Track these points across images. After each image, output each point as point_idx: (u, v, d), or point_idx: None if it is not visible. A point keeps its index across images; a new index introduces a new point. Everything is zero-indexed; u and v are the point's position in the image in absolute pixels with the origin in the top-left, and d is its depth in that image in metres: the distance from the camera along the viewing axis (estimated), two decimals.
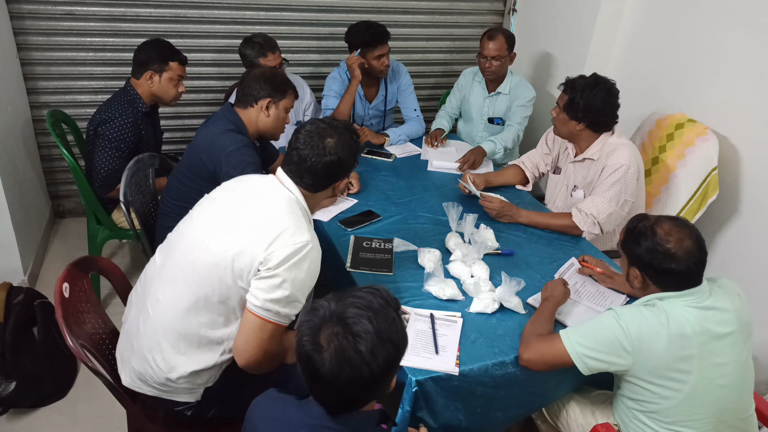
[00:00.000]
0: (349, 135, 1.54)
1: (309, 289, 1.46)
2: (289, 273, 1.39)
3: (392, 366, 1.08)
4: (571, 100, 2.15)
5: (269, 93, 2.06)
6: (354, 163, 1.58)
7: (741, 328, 1.47)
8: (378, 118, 3.17)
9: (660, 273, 1.46)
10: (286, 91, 2.09)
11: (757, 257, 2.44)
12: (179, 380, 1.47)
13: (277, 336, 1.45)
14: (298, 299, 1.43)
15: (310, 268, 1.43)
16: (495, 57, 2.83)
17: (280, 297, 1.39)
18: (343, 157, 1.51)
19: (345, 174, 1.57)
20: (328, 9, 3.44)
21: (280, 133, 2.18)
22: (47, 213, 3.30)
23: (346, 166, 1.54)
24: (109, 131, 2.38)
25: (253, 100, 2.07)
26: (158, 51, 2.46)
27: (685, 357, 1.42)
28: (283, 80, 2.10)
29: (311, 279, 1.45)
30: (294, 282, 1.40)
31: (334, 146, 1.49)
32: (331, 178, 1.55)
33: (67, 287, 1.54)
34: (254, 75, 2.09)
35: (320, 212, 2.25)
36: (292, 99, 2.12)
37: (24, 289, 2.33)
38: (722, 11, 2.51)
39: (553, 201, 2.49)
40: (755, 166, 2.44)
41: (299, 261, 1.40)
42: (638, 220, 1.52)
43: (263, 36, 2.69)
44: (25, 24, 2.98)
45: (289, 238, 1.39)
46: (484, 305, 1.75)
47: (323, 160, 1.48)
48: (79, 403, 2.24)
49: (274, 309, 1.40)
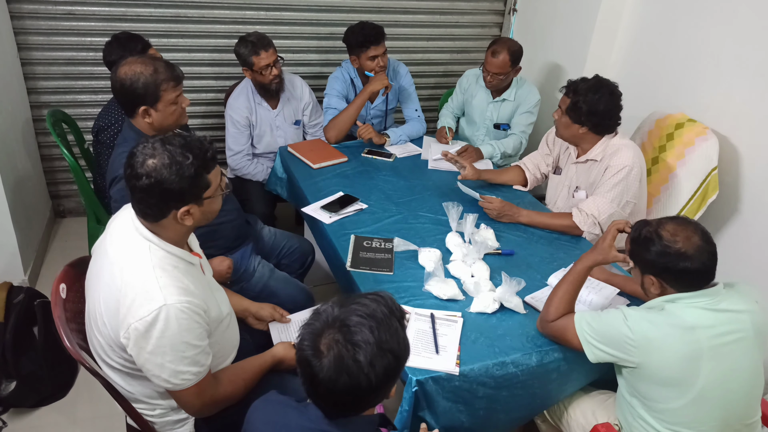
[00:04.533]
0: (181, 152, 1.31)
1: (194, 338, 1.33)
2: (143, 350, 1.30)
3: (392, 376, 1.07)
4: (573, 104, 2.13)
5: (141, 101, 1.80)
6: (186, 182, 1.32)
7: (755, 334, 1.45)
8: (379, 118, 3.17)
9: (677, 274, 1.44)
10: (157, 94, 1.80)
11: (758, 257, 2.44)
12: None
13: (204, 388, 1.40)
14: (183, 355, 1.32)
15: (167, 331, 1.29)
16: (497, 73, 2.81)
17: (163, 370, 1.32)
18: (163, 178, 1.29)
19: (180, 197, 1.33)
20: (328, 9, 3.44)
21: (183, 121, 1.92)
22: (47, 213, 3.30)
23: (172, 189, 1.30)
24: (109, 138, 2.38)
25: (131, 109, 1.83)
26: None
27: (695, 358, 1.41)
28: (145, 84, 1.78)
29: (180, 333, 1.31)
30: (156, 352, 1.30)
31: (153, 168, 1.29)
32: (161, 203, 1.33)
33: (63, 288, 1.53)
34: (116, 86, 1.81)
35: (320, 212, 2.25)
36: (170, 92, 1.82)
37: (24, 288, 2.33)
38: (722, 11, 2.51)
39: (554, 201, 2.49)
40: (755, 165, 2.43)
41: (147, 336, 1.28)
42: (640, 227, 1.51)
43: (257, 34, 2.69)
44: (25, 24, 2.98)
45: (131, 317, 1.28)
46: (485, 305, 1.75)
47: (139, 184, 1.29)
48: (79, 403, 2.24)
49: (171, 380, 1.34)
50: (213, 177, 1.39)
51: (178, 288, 1.32)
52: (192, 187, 1.33)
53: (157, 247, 1.36)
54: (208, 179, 1.37)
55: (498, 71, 2.80)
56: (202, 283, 1.44)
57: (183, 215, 1.35)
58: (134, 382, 1.46)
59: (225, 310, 1.53)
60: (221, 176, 1.44)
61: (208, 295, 1.44)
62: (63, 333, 1.45)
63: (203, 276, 1.50)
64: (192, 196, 1.35)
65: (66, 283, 1.56)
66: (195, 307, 1.33)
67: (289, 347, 1.64)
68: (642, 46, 2.98)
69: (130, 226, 1.39)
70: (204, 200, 1.38)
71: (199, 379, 1.38)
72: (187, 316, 1.31)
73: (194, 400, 1.40)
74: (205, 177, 1.36)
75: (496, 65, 2.79)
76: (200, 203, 1.37)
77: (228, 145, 2.86)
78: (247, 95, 2.82)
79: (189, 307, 1.32)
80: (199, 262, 1.50)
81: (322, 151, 2.78)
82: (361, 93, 2.83)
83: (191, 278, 1.39)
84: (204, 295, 1.41)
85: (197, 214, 1.38)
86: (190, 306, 1.32)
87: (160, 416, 1.51)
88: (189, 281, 1.37)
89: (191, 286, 1.36)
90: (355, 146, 2.87)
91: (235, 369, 1.55)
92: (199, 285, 1.41)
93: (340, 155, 2.73)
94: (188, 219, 1.37)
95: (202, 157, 1.34)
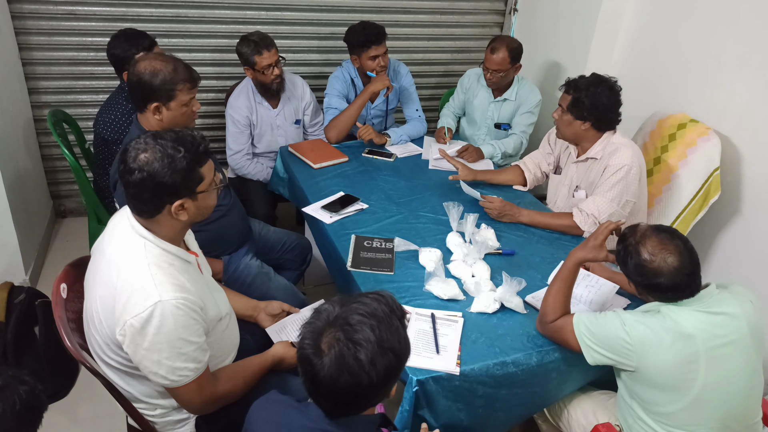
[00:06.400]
0: (173, 146, 1.32)
1: (190, 334, 1.34)
2: (140, 347, 1.30)
3: (393, 375, 1.07)
4: (576, 99, 2.13)
5: (155, 97, 1.82)
6: (179, 176, 1.32)
7: (751, 334, 1.45)
8: (380, 118, 3.17)
9: (650, 288, 1.46)
10: (172, 94, 1.82)
11: (759, 258, 2.43)
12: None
13: (203, 385, 1.40)
14: (180, 351, 1.32)
15: (163, 328, 1.29)
16: (497, 70, 2.81)
17: (160, 367, 1.32)
18: (155, 172, 1.29)
19: (173, 191, 1.33)
20: (328, 9, 3.44)
21: (191, 124, 1.95)
22: (48, 213, 3.31)
23: (164, 183, 1.31)
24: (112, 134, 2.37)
25: (143, 104, 1.85)
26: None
27: (692, 361, 1.41)
28: (163, 81, 1.81)
29: (176, 330, 1.31)
30: (152, 349, 1.30)
31: (145, 162, 1.29)
32: (155, 198, 1.33)
33: (64, 287, 1.54)
34: (133, 79, 1.83)
35: (321, 212, 2.25)
36: (186, 93, 1.85)
37: (25, 288, 2.34)
38: (724, 12, 2.51)
39: (555, 201, 2.49)
40: (757, 166, 2.43)
41: (143, 332, 1.28)
42: (626, 236, 1.51)
43: (259, 34, 2.69)
44: (26, 24, 2.98)
45: (127, 314, 1.29)
46: (485, 305, 1.75)
47: (132, 179, 1.30)
48: (80, 403, 2.24)
49: (169, 377, 1.34)
50: (206, 171, 1.39)
51: (174, 285, 1.32)
52: (185, 180, 1.33)
53: (153, 245, 1.36)
54: (201, 173, 1.37)
55: (497, 68, 2.80)
56: (199, 282, 1.44)
57: (177, 210, 1.35)
58: (133, 381, 1.46)
59: (224, 309, 1.53)
60: (215, 171, 1.44)
61: (205, 294, 1.44)
62: (64, 333, 1.45)
63: (201, 275, 1.50)
64: (185, 189, 1.35)
65: (67, 283, 1.56)
66: (191, 303, 1.33)
67: (288, 346, 1.64)
68: (643, 47, 2.97)
69: (126, 224, 1.39)
70: (198, 194, 1.38)
71: (198, 375, 1.37)
72: (183, 313, 1.31)
73: (194, 398, 1.40)
74: (198, 171, 1.36)
75: (496, 62, 2.79)
76: (194, 197, 1.38)
77: (228, 144, 2.86)
78: (247, 94, 2.82)
79: (185, 304, 1.32)
80: (197, 261, 1.50)
81: (323, 151, 2.78)
82: (363, 93, 2.83)
83: (187, 276, 1.39)
84: (201, 293, 1.41)
85: (192, 208, 1.38)
86: (186, 302, 1.32)
87: (160, 416, 1.51)
88: (185, 279, 1.37)
89: (187, 283, 1.36)
90: (355, 146, 2.86)
91: (235, 367, 1.56)
92: (196, 283, 1.41)
93: (340, 155, 2.73)
94: (183, 214, 1.37)
95: (195, 150, 1.34)
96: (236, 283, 2.07)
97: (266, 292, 2.05)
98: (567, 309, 1.63)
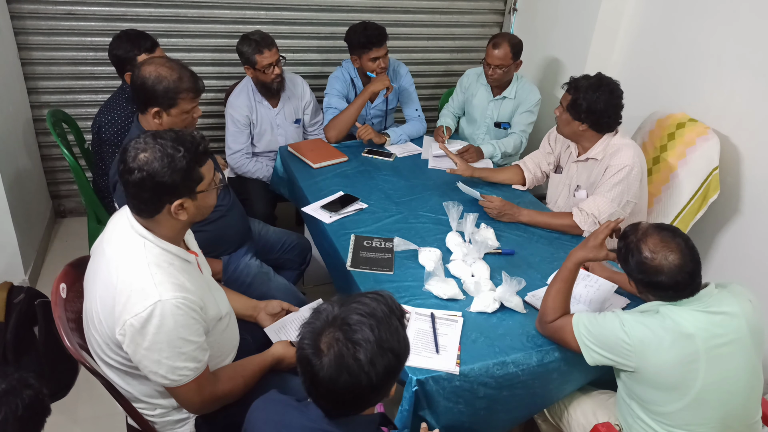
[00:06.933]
0: (173, 145, 1.32)
1: (190, 333, 1.33)
2: (140, 347, 1.30)
3: (392, 375, 1.07)
4: (574, 100, 2.14)
5: (156, 102, 1.81)
6: (178, 177, 1.32)
7: (751, 334, 1.45)
8: (379, 118, 3.17)
9: (651, 286, 1.46)
10: (174, 102, 1.82)
11: (758, 257, 2.43)
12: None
13: (203, 384, 1.40)
14: (180, 350, 1.32)
15: (163, 327, 1.29)
16: (498, 66, 2.81)
17: (160, 366, 1.32)
18: (155, 171, 1.29)
19: (172, 191, 1.33)
20: (328, 8, 3.44)
21: (191, 128, 1.93)
22: (48, 213, 3.30)
23: (164, 183, 1.31)
24: (112, 135, 2.37)
25: (144, 107, 1.85)
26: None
27: (692, 361, 1.41)
28: (166, 89, 1.80)
29: (176, 329, 1.31)
30: (152, 349, 1.30)
31: (145, 162, 1.29)
32: (154, 198, 1.33)
33: (64, 287, 1.53)
34: (137, 81, 1.82)
35: (320, 212, 2.25)
36: (188, 102, 1.85)
37: (25, 288, 2.33)
38: (724, 11, 2.50)
39: (555, 201, 2.49)
40: (756, 166, 2.43)
41: (143, 332, 1.29)
42: (627, 234, 1.51)
43: (260, 33, 2.69)
44: (25, 24, 2.98)
45: (127, 313, 1.29)
46: (485, 304, 1.75)
47: (132, 178, 1.30)
48: (80, 402, 2.24)
49: (169, 376, 1.34)
50: (206, 171, 1.39)
51: (174, 284, 1.32)
52: (184, 180, 1.33)
53: (153, 244, 1.36)
54: (201, 172, 1.37)
55: (499, 63, 2.80)
56: (199, 281, 1.44)
57: (177, 209, 1.35)
58: (133, 381, 1.46)
59: (224, 309, 1.53)
60: (215, 171, 1.44)
61: (205, 293, 1.44)
62: (63, 333, 1.45)
63: (201, 274, 1.50)
64: (185, 189, 1.35)
65: (66, 283, 1.56)
66: (191, 303, 1.33)
67: (287, 346, 1.64)
68: (643, 46, 2.97)
69: (126, 224, 1.39)
70: (197, 194, 1.38)
71: (197, 375, 1.37)
72: (183, 312, 1.31)
73: (194, 397, 1.40)
74: (198, 170, 1.36)
75: (498, 57, 2.78)
76: (194, 197, 1.38)
77: (228, 143, 2.86)
78: (247, 94, 2.82)
79: (185, 303, 1.32)
80: (196, 261, 1.50)
81: (323, 150, 2.78)
82: (363, 93, 2.83)
83: (187, 275, 1.39)
84: (201, 293, 1.41)
85: (191, 208, 1.38)
86: (186, 302, 1.32)
87: (160, 416, 1.51)
88: (185, 278, 1.37)
89: (187, 282, 1.36)
90: (355, 146, 2.87)
91: (235, 366, 1.56)
92: (196, 282, 1.41)
93: (340, 155, 2.73)
94: (182, 213, 1.37)
95: (194, 150, 1.34)
96: (236, 283, 2.06)
97: (266, 292, 2.04)
98: (567, 309, 1.63)
